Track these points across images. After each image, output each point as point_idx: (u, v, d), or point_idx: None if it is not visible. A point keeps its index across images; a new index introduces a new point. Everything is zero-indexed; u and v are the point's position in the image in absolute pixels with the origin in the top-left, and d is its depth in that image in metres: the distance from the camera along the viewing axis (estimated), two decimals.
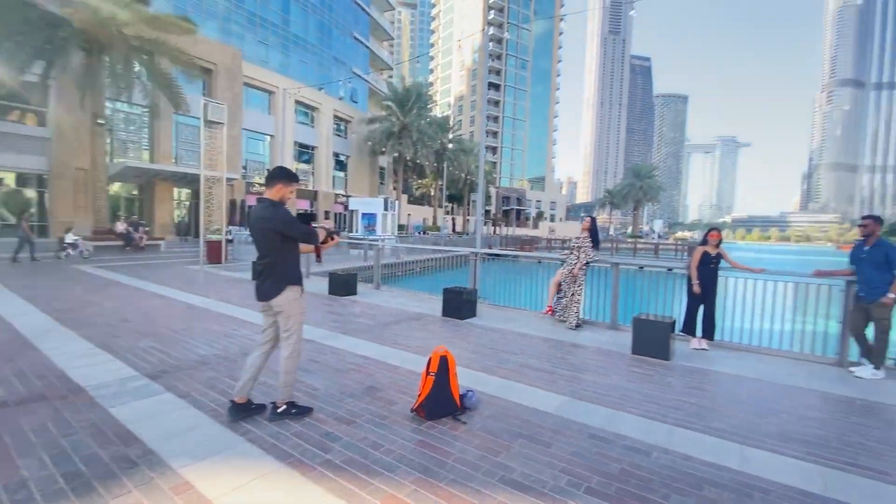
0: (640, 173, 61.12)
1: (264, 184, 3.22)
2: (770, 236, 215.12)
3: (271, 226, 2.97)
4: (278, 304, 3.04)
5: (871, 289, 4.77)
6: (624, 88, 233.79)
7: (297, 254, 3.18)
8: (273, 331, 3.18)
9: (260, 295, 3.08)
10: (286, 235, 3.00)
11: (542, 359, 4.99)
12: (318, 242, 3.20)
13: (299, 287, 3.12)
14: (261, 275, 3.06)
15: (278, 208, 3.01)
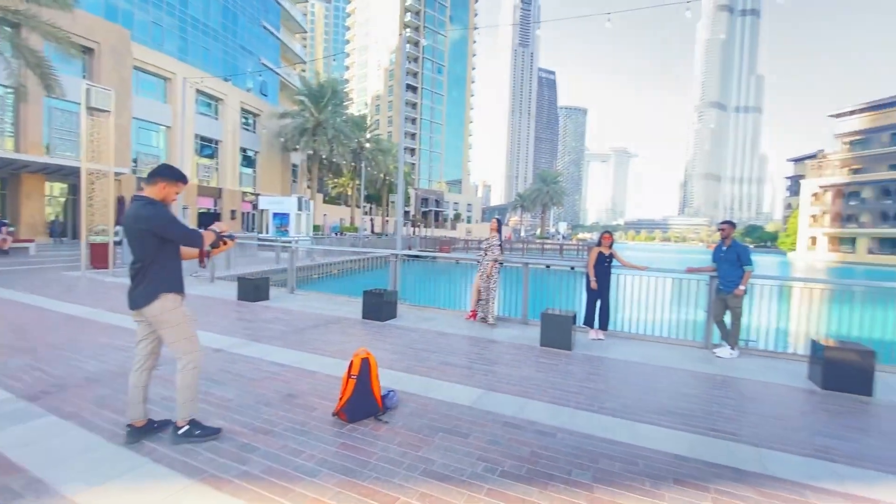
0: (546, 179, 65.59)
1: (145, 180, 2.85)
2: (655, 237, 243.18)
3: (146, 226, 2.69)
4: (151, 314, 2.75)
5: (728, 282, 5.72)
6: (532, 99, 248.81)
7: (178, 258, 2.90)
8: (149, 343, 2.89)
9: (130, 302, 2.79)
10: (164, 238, 2.74)
11: (460, 356, 5.22)
12: (203, 246, 2.88)
13: (177, 295, 2.83)
14: (133, 280, 2.78)
15: (157, 207, 2.74)
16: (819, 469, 2.88)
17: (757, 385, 4.59)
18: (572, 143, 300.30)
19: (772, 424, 3.59)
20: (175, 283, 2.85)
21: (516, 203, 74.49)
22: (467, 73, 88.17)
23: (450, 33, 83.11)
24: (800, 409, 4.02)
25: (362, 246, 22.85)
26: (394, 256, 8.24)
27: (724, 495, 2.53)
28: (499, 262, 6.90)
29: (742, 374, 4.93)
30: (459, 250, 33.55)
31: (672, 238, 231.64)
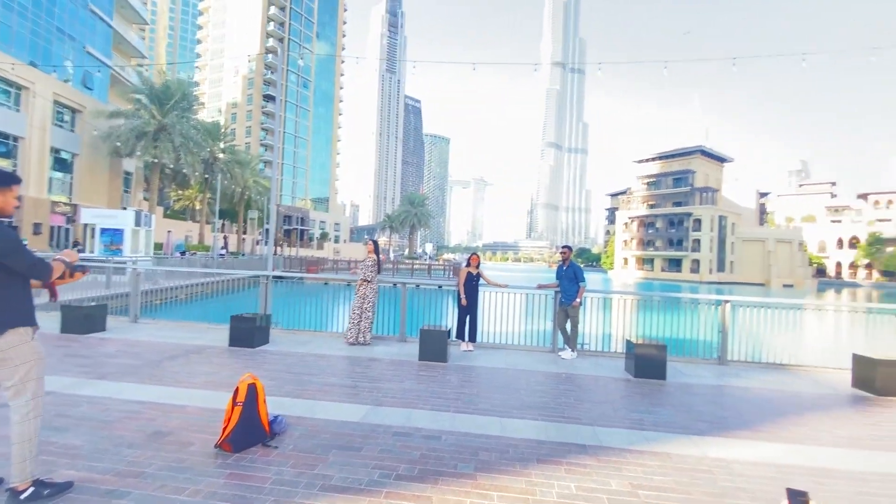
0: (414, 202, 68.00)
1: None
2: (508, 258, 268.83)
3: None
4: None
5: (568, 296, 6.94)
6: (399, 124, 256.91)
7: (26, 286, 2.48)
8: None
9: None
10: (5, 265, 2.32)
11: (343, 376, 5.28)
12: (50, 279, 2.49)
13: (29, 328, 2.45)
14: None
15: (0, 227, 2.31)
16: (635, 436, 3.80)
17: (590, 379, 5.67)
18: (437, 169, 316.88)
19: (602, 408, 4.54)
20: (23, 316, 2.44)
21: (385, 224, 75.26)
22: (335, 91, 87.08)
23: (317, 49, 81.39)
24: (620, 394, 5.13)
25: (217, 267, 20.53)
26: (265, 278, 7.82)
27: (574, 465, 3.19)
28: (367, 281, 7.08)
29: (580, 371, 6.02)
30: (328, 271, 32.47)
31: (522, 259, 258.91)
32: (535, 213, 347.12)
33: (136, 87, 29.79)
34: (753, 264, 72.95)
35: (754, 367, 6.71)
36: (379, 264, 7.39)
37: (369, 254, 7.35)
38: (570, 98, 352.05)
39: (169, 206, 42.59)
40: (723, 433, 3.96)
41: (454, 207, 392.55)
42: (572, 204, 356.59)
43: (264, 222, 48.47)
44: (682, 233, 73.17)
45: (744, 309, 7.24)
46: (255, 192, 44.03)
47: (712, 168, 79.26)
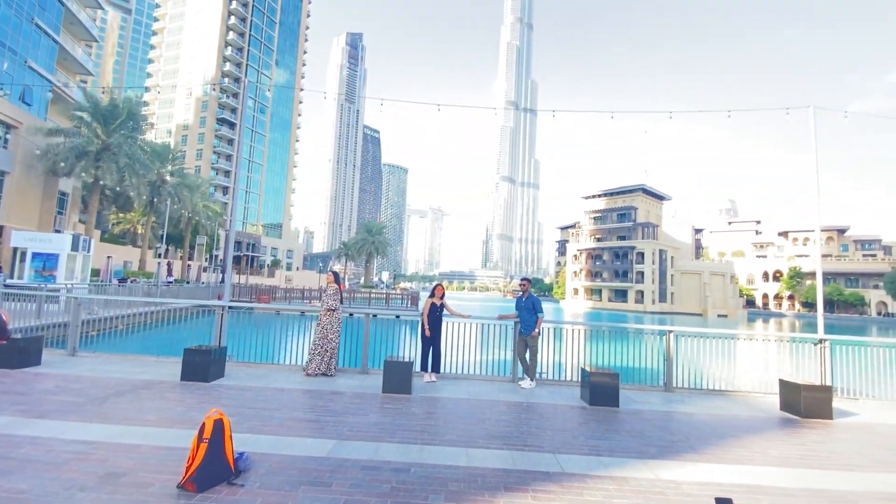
0: (372, 230, 67.57)
1: None
2: (465, 287, 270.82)
3: None
4: None
5: (527, 326, 7.22)
6: (357, 152, 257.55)
7: None
8: None
9: None
10: None
11: (305, 410, 5.18)
12: None
13: None
14: None
15: None
16: (594, 462, 4.01)
17: (549, 407, 5.90)
18: (395, 198, 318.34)
19: (562, 435, 4.75)
20: None
21: (341, 251, 73.93)
22: (293, 117, 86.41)
23: (275, 76, 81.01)
24: (578, 421, 5.37)
25: (162, 295, 19.28)
26: (220, 308, 7.55)
27: (540, 492, 3.33)
28: (331, 311, 7.04)
29: (539, 400, 6.24)
30: (279, 300, 31.27)
31: (478, 288, 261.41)
32: (491, 243, 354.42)
33: (80, 104, 28.19)
34: (691, 295, 77.89)
35: (696, 393, 7.22)
36: (341, 294, 7.38)
37: (329, 284, 7.34)
38: (523, 136, 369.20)
39: (107, 230, 39.74)
40: (672, 457, 4.26)
41: (411, 236, 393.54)
42: (526, 235, 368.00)
43: (213, 248, 46.31)
44: (626, 265, 77.23)
45: (685, 338, 7.82)
46: (204, 216, 42.18)
47: (653, 205, 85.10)
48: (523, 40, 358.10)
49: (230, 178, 71.90)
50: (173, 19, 77.46)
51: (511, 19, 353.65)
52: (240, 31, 73.80)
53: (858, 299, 77.98)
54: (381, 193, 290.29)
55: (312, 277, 70.31)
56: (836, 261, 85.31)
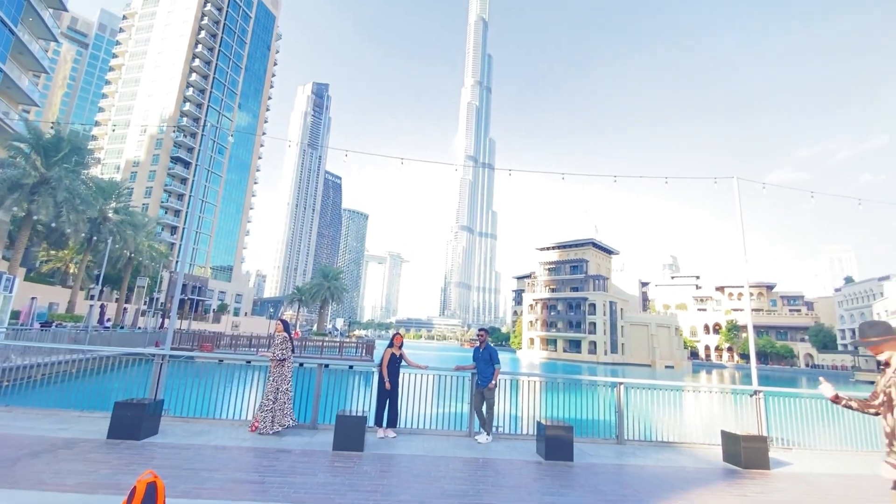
0: (328, 275, 65.96)
1: None
2: (422, 335, 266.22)
3: None
4: None
5: (484, 378, 7.22)
6: (318, 197, 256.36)
7: None
8: None
9: None
10: None
11: (248, 470, 4.83)
12: None
13: None
14: None
15: None
16: None
17: (505, 463, 5.82)
18: (353, 244, 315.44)
19: (518, 493, 4.68)
20: None
21: (293, 297, 71.12)
22: (253, 160, 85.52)
23: (237, 118, 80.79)
24: (533, 477, 5.32)
25: (91, 341, 17.54)
26: (160, 357, 7.05)
27: None
28: (282, 361, 6.77)
29: (495, 455, 6.15)
30: (224, 347, 29.29)
31: (435, 336, 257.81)
32: (449, 291, 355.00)
33: (20, 134, 26.64)
34: (640, 346, 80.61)
35: (647, 445, 7.38)
36: (292, 342, 7.13)
37: (278, 332, 7.09)
38: (482, 188, 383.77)
39: (33, 268, 36.41)
40: None
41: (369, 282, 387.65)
42: (483, 284, 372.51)
43: (154, 290, 43.35)
44: (580, 316, 79.39)
45: (635, 390, 8.08)
46: (147, 257, 39.74)
47: (602, 258, 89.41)
48: (482, 101, 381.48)
49: (180, 218, 68.98)
50: (133, 57, 76.61)
51: (471, 82, 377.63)
52: (203, 74, 73.90)
53: (788, 351, 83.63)
54: (339, 238, 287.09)
55: (261, 324, 66.88)
56: (766, 315, 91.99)
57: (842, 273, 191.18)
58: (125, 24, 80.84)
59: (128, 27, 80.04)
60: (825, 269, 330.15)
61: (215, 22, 76.40)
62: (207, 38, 74.43)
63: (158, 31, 75.55)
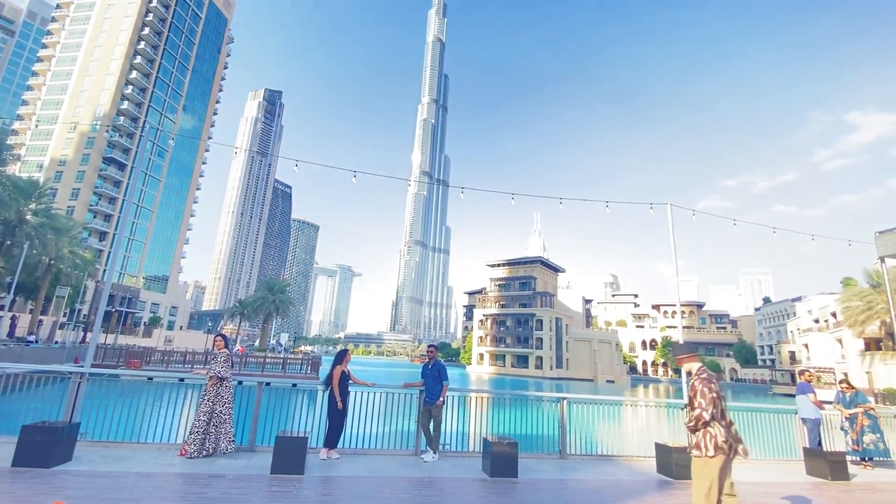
0: (273, 288, 63.25)
1: None
2: (371, 351, 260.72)
3: None
4: None
5: (432, 395, 7.19)
6: (266, 206, 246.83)
7: None
8: None
9: None
10: None
11: (175, 499, 4.49)
12: None
13: None
14: None
15: None
16: None
17: (451, 482, 5.80)
18: (302, 255, 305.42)
19: None
20: None
21: (235, 310, 67.36)
22: (196, 165, 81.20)
23: (181, 121, 76.70)
24: (478, 495, 5.34)
25: None
26: (78, 375, 6.43)
27: None
28: (221, 379, 6.42)
29: (440, 474, 6.11)
30: (155, 364, 27.06)
31: (385, 352, 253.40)
32: (401, 305, 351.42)
33: None
34: (583, 361, 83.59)
35: (588, 459, 7.63)
36: (232, 359, 6.78)
37: (219, 349, 6.73)
38: (436, 204, 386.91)
39: None
40: None
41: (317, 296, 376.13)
42: (435, 299, 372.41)
43: (75, 301, 39.53)
44: (527, 332, 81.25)
45: (577, 405, 8.37)
46: (69, 264, 36.27)
47: (549, 276, 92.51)
48: (438, 119, 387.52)
49: (111, 223, 63.81)
50: (67, 49, 71.04)
51: (427, 99, 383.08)
52: (145, 72, 69.83)
53: (716, 366, 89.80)
54: (287, 250, 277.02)
55: (198, 338, 62.78)
56: (696, 332, 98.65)
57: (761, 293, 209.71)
58: (59, 13, 75.10)
59: (62, 17, 74.38)
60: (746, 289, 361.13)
61: (161, 20, 72.78)
62: (152, 36, 70.64)
63: (97, 24, 70.79)
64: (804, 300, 74.03)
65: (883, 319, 40.62)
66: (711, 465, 3.87)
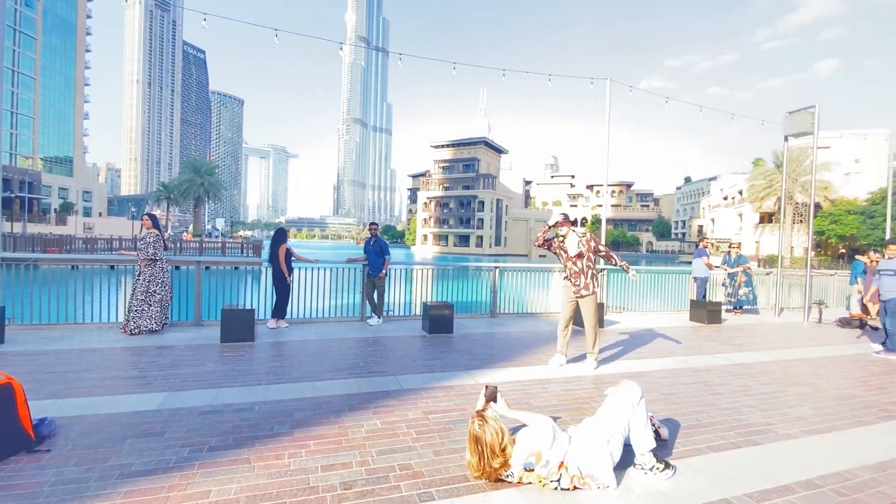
0: (200, 169, 58.35)
1: None
2: (315, 235, 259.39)
3: None
4: None
5: (375, 268, 7.56)
6: (177, 74, 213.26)
7: None
8: None
9: None
10: None
11: (126, 367, 4.68)
12: None
13: None
14: None
15: None
16: (428, 378, 4.65)
17: (393, 339, 6.46)
18: (228, 134, 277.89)
19: (403, 360, 5.32)
20: None
21: (159, 194, 62.39)
22: (79, 19, 66.43)
23: None
24: (417, 348, 6.04)
25: None
26: None
27: (380, 407, 3.78)
28: (154, 260, 6.29)
29: (385, 334, 6.76)
30: (80, 252, 25.41)
31: (329, 235, 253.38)
32: (343, 189, 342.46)
33: None
34: (520, 239, 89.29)
35: (515, 317, 8.68)
36: (164, 241, 6.56)
37: (148, 229, 6.43)
38: (375, 76, 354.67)
39: None
40: (490, 366, 5.20)
41: (251, 179, 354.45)
42: (379, 182, 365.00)
43: None
44: (470, 213, 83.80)
45: (508, 273, 9.21)
46: None
47: (493, 158, 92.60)
48: None
49: None
50: None
51: None
52: None
53: (635, 240, 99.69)
54: (210, 127, 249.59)
55: (123, 225, 58.59)
56: (623, 210, 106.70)
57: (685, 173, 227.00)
58: None
59: None
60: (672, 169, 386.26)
61: None
62: None
63: None
64: (718, 179, 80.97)
65: (779, 196, 46.00)
66: (595, 298, 5.22)
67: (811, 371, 5.53)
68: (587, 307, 5.17)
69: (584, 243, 5.15)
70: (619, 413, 2.75)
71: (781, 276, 10.75)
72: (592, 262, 5.19)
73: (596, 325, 5.26)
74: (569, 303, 5.27)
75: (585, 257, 5.11)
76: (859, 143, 55.53)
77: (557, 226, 5.25)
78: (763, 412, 3.98)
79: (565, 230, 5.24)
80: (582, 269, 5.13)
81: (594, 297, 5.18)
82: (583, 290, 5.13)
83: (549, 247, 5.31)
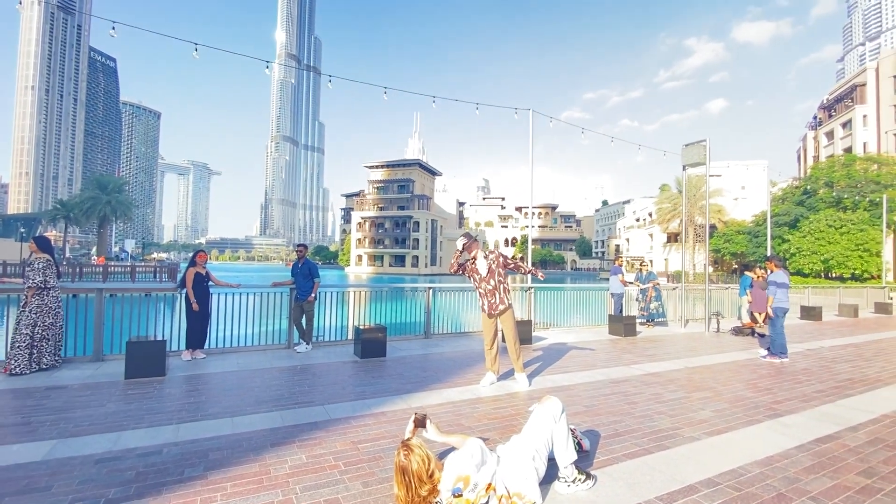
0: (106, 186, 52.77)
1: None
2: (239, 257, 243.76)
3: None
4: None
5: (303, 292, 7.29)
6: (81, 82, 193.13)
7: None
8: None
9: None
10: None
11: (6, 413, 4.05)
12: None
13: None
14: None
15: None
16: (359, 405, 4.53)
17: (323, 366, 6.22)
18: (141, 148, 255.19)
19: (332, 388, 5.14)
20: None
21: (57, 213, 55.29)
22: None
23: None
24: (348, 373, 5.87)
25: None
26: None
27: (306, 441, 3.61)
28: (45, 289, 5.55)
29: (314, 361, 6.49)
30: None
31: (256, 257, 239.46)
32: (271, 208, 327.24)
33: None
34: None
35: (449, 336, 8.75)
36: (56, 266, 5.84)
37: (36, 255, 5.67)
38: (306, 95, 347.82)
39: None
40: (422, 388, 5.18)
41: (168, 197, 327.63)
42: (310, 202, 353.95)
43: None
44: (405, 233, 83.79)
45: (442, 293, 9.31)
46: None
47: (427, 179, 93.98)
48: None
49: None
50: None
51: None
52: None
53: (560, 259, 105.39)
54: (120, 141, 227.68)
55: (9, 247, 50.96)
56: (549, 230, 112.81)
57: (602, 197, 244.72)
58: None
59: None
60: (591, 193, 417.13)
61: None
62: None
63: None
64: (631, 202, 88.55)
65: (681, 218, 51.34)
66: (511, 312, 5.38)
67: (711, 377, 6.16)
68: (506, 321, 5.31)
69: (494, 260, 5.31)
70: (542, 428, 2.87)
71: (686, 291, 11.94)
72: (504, 277, 5.36)
73: (516, 339, 5.37)
74: (489, 322, 5.39)
75: (496, 273, 5.27)
76: (743, 172, 63.89)
77: (466, 249, 5.31)
78: (672, 418, 4.36)
79: (475, 252, 5.33)
80: (495, 286, 5.28)
81: (511, 312, 5.34)
82: (500, 305, 5.27)
83: (464, 271, 5.39)
